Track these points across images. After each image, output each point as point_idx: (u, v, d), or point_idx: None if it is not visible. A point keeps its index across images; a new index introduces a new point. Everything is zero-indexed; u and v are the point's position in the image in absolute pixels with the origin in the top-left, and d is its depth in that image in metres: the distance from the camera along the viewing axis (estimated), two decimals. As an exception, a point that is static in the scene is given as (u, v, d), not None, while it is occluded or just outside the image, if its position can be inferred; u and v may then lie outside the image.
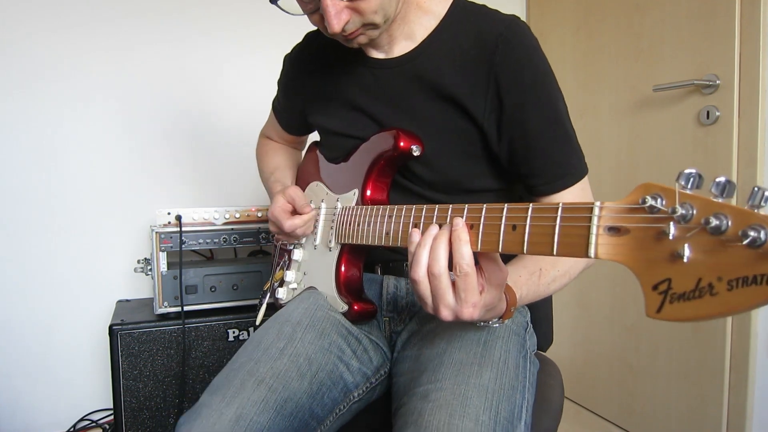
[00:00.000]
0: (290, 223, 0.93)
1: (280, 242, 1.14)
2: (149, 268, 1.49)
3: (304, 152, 1.20)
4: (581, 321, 1.88)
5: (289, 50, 1.07)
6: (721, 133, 1.39)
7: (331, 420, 0.81)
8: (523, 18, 2.15)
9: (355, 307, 0.85)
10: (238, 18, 1.81)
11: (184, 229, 1.45)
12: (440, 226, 0.64)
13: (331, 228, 0.91)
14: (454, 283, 0.61)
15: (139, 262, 1.53)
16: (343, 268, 0.88)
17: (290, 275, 1.01)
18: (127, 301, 1.67)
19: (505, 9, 0.83)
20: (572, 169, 0.81)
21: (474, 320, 0.64)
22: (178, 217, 1.46)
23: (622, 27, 1.69)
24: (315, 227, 0.97)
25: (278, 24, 1.80)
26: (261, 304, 1.08)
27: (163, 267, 1.42)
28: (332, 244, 0.90)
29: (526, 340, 0.84)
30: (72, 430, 1.68)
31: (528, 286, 0.74)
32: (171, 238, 1.43)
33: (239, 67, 1.83)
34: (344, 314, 0.87)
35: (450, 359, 0.74)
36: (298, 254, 0.99)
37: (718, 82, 1.39)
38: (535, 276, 0.75)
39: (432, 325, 0.85)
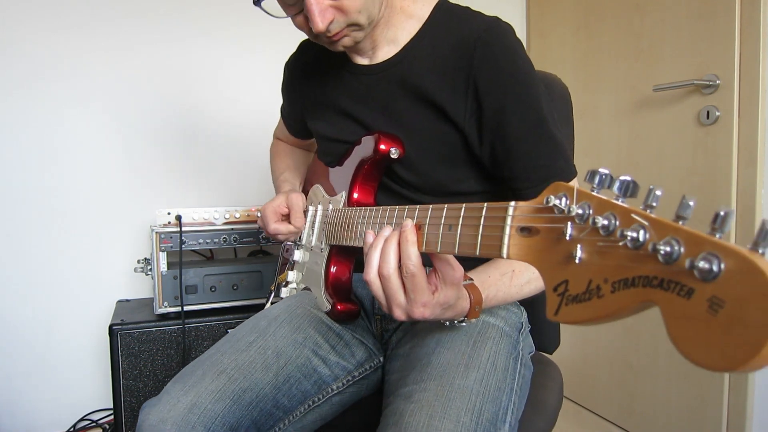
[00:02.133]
0: (274, 227, 0.97)
1: (285, 243, 1.16)
2: (149, 268, 1.49)
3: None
4: (581, 321, 1.88)
5: (287, 51, 1.08)
6: (721, 133, 1.39)
7: (301, 411, 0.82)
8: (523, 19, 2.14)
9: (338, 307, 0.86)
10: (237, 18, 1.81)
11: (184, 229, 1.45)
12: (396, 226, 0.65)
13: (323, 230, 0.93)
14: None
15: (139, 262, 1.53)
16: (332, 269, 0.89)
17: (292, 275, 1.03)
18: (127, 301, 1.67)
19: (505, 9, 0.83)
20: (557, 172, 0.80)
21: (428, 319, 0.64)
22: (178, 217, 1.46)
23: (622, 27, 1.69)
24: (312, 229, 0.99)
25: (277, 24, 1.80)
26: (266, 304, 1.09)
27: (163, 267, 1.42)
28: (323, 246, 0.92)
29: (519, 342, 0.84)
30: (72, 430, 1.68)
31: (497, 287, 0.74)
32: (171, 238, 1.43)
33: (238, 67, 1.83)
34: (327, 313, 0.89)
35: (437, 359, 0.74)
36: (297, 255, 1.01)
37: (718, 82, 1.39)
38: (507, 277, 0.75)
39: (425, 324, 0.85)
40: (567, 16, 1.92)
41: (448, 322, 0.74)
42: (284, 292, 1.04)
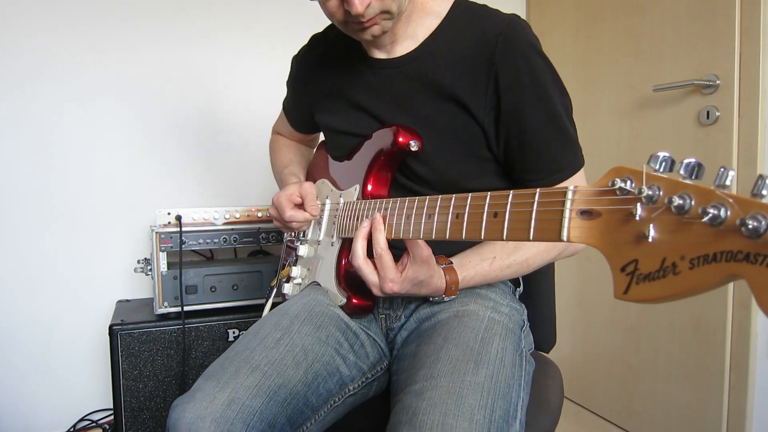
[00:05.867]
0: (290, 214, 0.95)
1: (287, 239, 1.15)
2: (149, 268, 1.49)
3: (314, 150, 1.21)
4: (581, 321, 1.88)
5: (290, 51, 1.08)
6: (721, 133, 1.39)
7: (325, 410, 0.82)
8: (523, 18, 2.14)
9: (354, 301, 0.86)
10: (238, 18, 1.81)
11: (184, 229, 1.45)
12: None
13: (334, 223, 0.93)
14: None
15: (139, 262, 1.53)
16: (344, 262, 0.89)
17: (296, 271, 1.03)
18: (127, 301, 1.67)
19: (505, 9, 0.84)
20: (566, 164, 0.83)
21: (400, 293, 0.76)
22: (178, 218, 1.46)
23: (622, 27, 1.69)
24: (320, 223, 0.98)
25: (279, 24, 1.81)
26: (267, 300, 1.09)
27: (163, 267, 1.42)
28: (334, 239, 0.92)
29: (521, 339, 0.85)
30: (72, 430, 1.68)
31: (476, 270, 0.82)
32: (171, 238, 1.43)
33: (240, 68, 1.83)
34: (342, 307, 0.89)
35: (446, 356, 0.75)
36: (303, 250, 1.01)
37: (718, 82, 1.39)
38: (486, 262, 0.82)
39: (430, 323, 0.86)
40: (567, 16, 1.92)
41: (431, 298, 0.84)
42: (287, 287, 1.03)
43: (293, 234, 1.12)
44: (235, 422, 0.69)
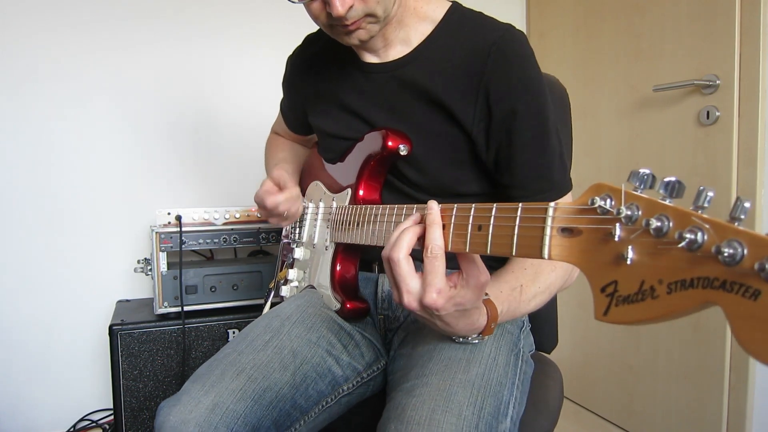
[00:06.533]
0: (272, 200, 0.94)
1: (284, 241, 1.15)
2: (149, 268, 1.49)
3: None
4: (581, 321, 1.88)
5: (289, 51, 1.07)
6: (721, 133, 1.39)
7: (316, 411, 0.82)
8: (523, 19, 2.14)
9: (348, 306, 0.86)
10: (239, 19, 1.81)
11: (184, 229, 1.45)
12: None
13: (327, 227, 0.92)
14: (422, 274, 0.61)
15: (139, 262, 1.53)
16: (338, 267, 0.89)
17: (293, 273, 1.03)
18: (127, 301, 1.67)
19: (506, 10, 0.83)
20: (554, 185, 0.81)
21: (440, 312, 0.61)
22: (178, 218, 1.46)
23: (622, 27, 1.69)
24: (314, 226, 0.98)
25: (279, 24, 1.80)
26: (266, 302, 1.09)
27: (163, 267, 1.42)
28: (328, 243, 0.92)
29: (520, 339, 0.85)
30: (72, 430, 1.68)
31: (509, 302, 0.73)
32: (171, 238, 1.43)
33: (240, 68, 1.83)
34: (337, 312, 0.89)
35: (439, 355, 0.75)
36: (299, 253, 1.01)
37: (718, 82, 1.39)
38: (516, 292, 0.74)
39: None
40: (567, 17, 1.92)
41: (461, 339, 0.73)
42: (284, 290, 1.03)
43: (290, 235, 1.12)
44: (219, 426, 0.70)
